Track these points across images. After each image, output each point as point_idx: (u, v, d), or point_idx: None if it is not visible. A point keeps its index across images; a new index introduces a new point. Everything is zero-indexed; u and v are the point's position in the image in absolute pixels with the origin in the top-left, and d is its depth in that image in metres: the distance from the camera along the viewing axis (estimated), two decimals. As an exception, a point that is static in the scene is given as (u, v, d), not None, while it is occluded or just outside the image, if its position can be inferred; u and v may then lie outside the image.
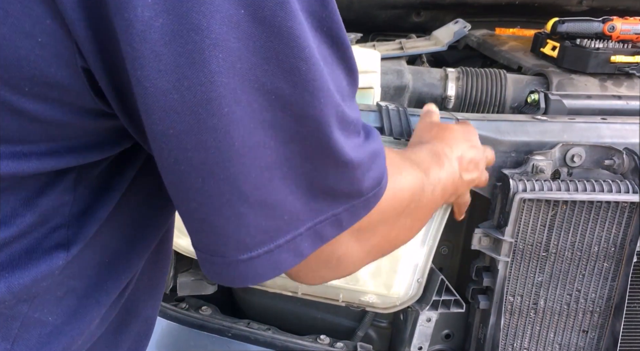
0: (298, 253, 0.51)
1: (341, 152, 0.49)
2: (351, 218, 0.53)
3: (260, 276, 0.50)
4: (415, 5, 1.71)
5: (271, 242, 0.49)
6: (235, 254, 0.49)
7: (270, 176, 0.47)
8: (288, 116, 0.45)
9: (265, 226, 0.48)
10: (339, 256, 0.57)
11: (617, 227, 1.07)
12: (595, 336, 1.15)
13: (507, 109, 1.34)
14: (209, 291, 1.21)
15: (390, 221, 0.60)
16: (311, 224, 0.51)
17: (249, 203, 0.47)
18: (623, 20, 1.30)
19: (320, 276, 0.59)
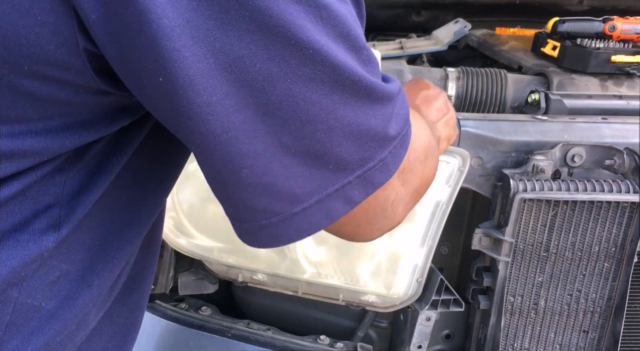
0: (348, 200, 0.51)
1: (377, 89, 0.50)
2: (395, 160, 0.54)
3: (315, 225, 0.51)
4: (416, 5, 1.70)
5: (320, 191, 0.50)
6: (289, 208, 0.50)
7: (313, 129, 0.48)
8: (326, 68, 0.46)
9: (312, 176, 0.49)
10: (392, 202, 0.58)
11: (618, 227, 1.07)
12: (596, 336, 1.15)
13: (507, 109, 1.34)
14: (209, 290, 1.21)
15: (421, 160, 0.61)
16: (360, 172, 0.51)
17: (293, 153, 0.48)
18: (624, 20, 1.30)
19: (378, 228, 0.59)
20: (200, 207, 1.11)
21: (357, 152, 0.50)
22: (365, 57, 0.50)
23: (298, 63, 0.45)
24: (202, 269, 1.20)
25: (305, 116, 0.47)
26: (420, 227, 1.07)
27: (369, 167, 0.52)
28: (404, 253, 1.09)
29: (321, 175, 0.50)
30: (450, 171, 1.04)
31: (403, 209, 0.60)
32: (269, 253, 1.14)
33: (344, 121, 0.49)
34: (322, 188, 0.50)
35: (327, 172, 0.50)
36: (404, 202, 0.60)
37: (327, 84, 0.47)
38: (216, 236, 1.14)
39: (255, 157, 0.47)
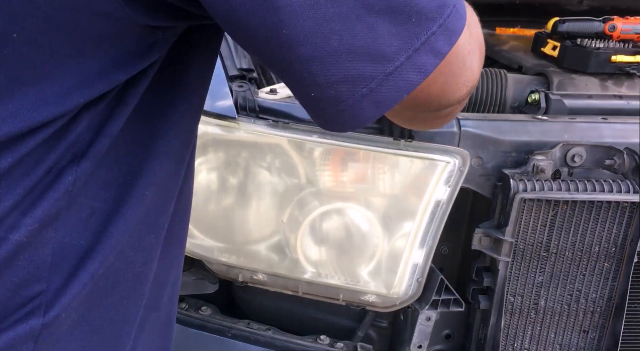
0: (436, 51, 0.51)
1: None
2: (462, 6, 0.54)
3: (410, 83, 0.51)
4: (416, 5, 1.70)
5: (409, 47, 0.49)
6: (383, 69, 0.49)
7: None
8: None
9: (398, 32, 0.49)
10: (469, 52, 0.57)
11: (618, 227, 1.07)
12: (596, 336, 1.15)
13: (507, 109, 1.34)
14: (210, 290, 1.22)
15: (476, 24, 0.61)
16: (441, 20, 0.50)
17: (377, 12, 0.48)
18: (624, 20, 1.30)
19: (463, 81, 0.58)
20: (201, 207, 1.11)
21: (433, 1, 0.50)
22: None
23: None
24: (202, 269, 1.20)
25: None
26: (421, 227, 1.07)
27: (447, 14, 0.51)
28: (404, 253, 1.09)
29: (406, 30, 0.49)
30: (450, 171, 1.04)
31: (478, 62, 0.60)
32: (269, 252, 1.13)
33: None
34: (409, 43, 0.50)
35: (410, 25, 0.49)
36: (475, 54, 0.59)
37: None
38: (216, 236, 1.14)
39: (341, 21, 0.47)
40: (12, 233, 0.50)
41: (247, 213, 1.12)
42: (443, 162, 1.03)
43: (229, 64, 1.12)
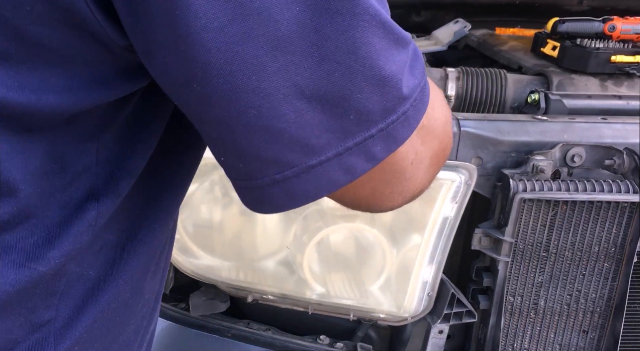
0: (370, 156, 0.47)
1: (395, 29, 0.46)
2: (417, 115, 0.50)
3: (334, 182, 0.47)
4: (416, 5, 1.70)
5: (339, 144, 0.46)
6: (305, 160, 0.45)
7: (330, 69, 0.43)
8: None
9: (330, 126, 0.45)
10: (413, 162, 0.53)
11: (618, 227, 1.07)
12: (596, 336, 1.15)
13: (507, 109, 1.34)
14: (222, 309, 1.21)
15: (441, 121, 0.57)
16: (383, 124, 0.47)
17: (308, 97, 0.44)
18: (623, 20, 1.30)
19: (398, 191, 0.54)
20: (206, 226, 1.11)
21: (380, 101, 0.46)
22: (384, 1, 0.47)
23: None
24: (212, 288, 1.20)
25: (320, 53, 0.43)
26: (429, 244, 1.07)
27: (392, 121, 0.47)
28: (413, 271, 1.08)
29: (340, 125, 0.45)
30: (457, 188, 1.03)
31: (425, 173, 0.55)
32: (276, 269, 1.12)
33: (364, 62, 0.44)
34: (341, 139, 0.46)
35: (347, 122, 0.45)
36: (424, 164, 0.55)
37: (344, 16, 0.43)
38: (224, 255, 1.13)
39: (264, 97, 0.42)
40: (39, 264, 0.49)
41: (253, 230, 1.11)
42: (449, 181, 1.02)
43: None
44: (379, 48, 0.45)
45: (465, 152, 1.05)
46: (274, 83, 0.43)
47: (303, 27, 0.42)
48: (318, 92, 0.44)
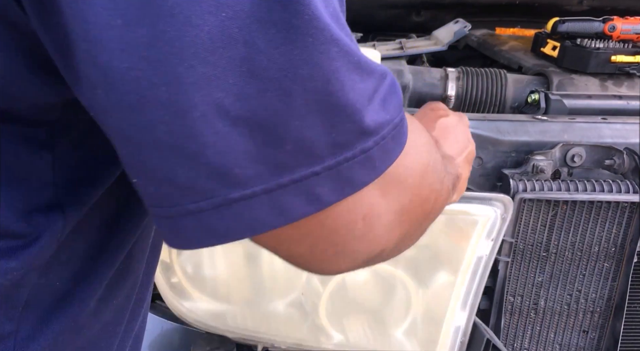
0: (313, 198, 0.40)
1: (355, 53, 0.40)
2: (384, 157, 0.43)
3: (261, 222, 0.39)
4: (416, 5, 1.70)
5: (271, 178, 0.38)
6: (224, 191, 0.38)
7: (261, 87, 0.37)
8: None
9: (259, 155, 0.38)
10: (365, 216, 0.44)
11: (618, 227, 1.07)
12: (596, 336, 1.15)
13: (507, 109, 1.34)
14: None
15: (417, 171, 0.49)
16: (332, 162, 0.40)
17: (232, 119, 0.37)
18: (623, 20, 1.30)
19: (344, 252, 0.45)
20: (207, 267, 1.03)
21: (327, 132, 0.39)
22: (342, 23, 0.41)
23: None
24: (216, 336, 1.11)
25: (250, 68, 0.36)
26: (462, 287, 0.99)
27: (346, 158, 0.40)
28: (444, 317, 0.99)
29: (273, 156, 0.38)
30: (492, 224, 0.96)
31: (386, 232, 0.46)
32: (289, 311, 1.01)
33: (306, 83, 0.38)
34: (273, 173, 0.38)
35: (281, 153, 0.38)
36: (385, 221, 0.46)
37: (283, 29, 0.36)
38: (228, 299, 1.03)
39: (176, 112, 0.36)
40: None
41: (260, 270, 1.01)
42: (484, 217, 0.94)
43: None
44: (329, 69, 0.38)
45: (465, 152, 1.05)
46: (189, 98, 0.36)
47: (229, 36, 0.35)
48: (245, 114, 0.37)
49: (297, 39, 0.37)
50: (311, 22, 0.37)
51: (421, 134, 0.52)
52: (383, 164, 0.43)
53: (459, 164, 0.73)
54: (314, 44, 0.37)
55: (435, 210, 0.55)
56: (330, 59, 0.38)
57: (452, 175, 0.66)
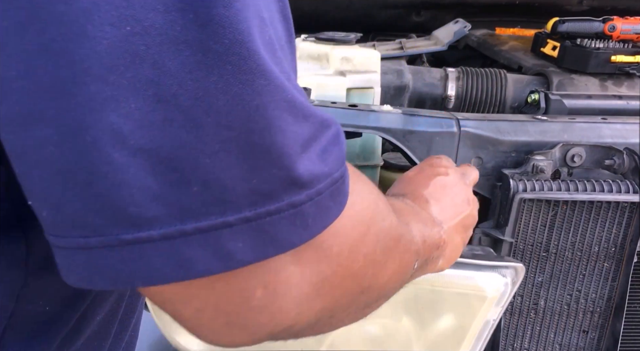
0: (223, 253, 0.34)
1: (289, 92, 0.36)
2: (320, 215, 0.37)
3: (157, 272, 0.34)
4: (416, 5, 1.71)
5: (172, 223, 0.33)
6: (116, 231, 0.33)
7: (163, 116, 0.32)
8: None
9: (160, 195, 0.33)
10: (267, 284, 0.37)
11: (618, 227, 1.07)
12: (596, 336, 1.15)
13: (507, 109, 1.34)
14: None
15: (350, 240, 0.42)
16: (251, 214, 0.34)
17: (130, 148, 0.32)
18: (623, 20, 1.30)
19: (236, 324, 0.38)
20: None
21: (246, 177, 0.34)
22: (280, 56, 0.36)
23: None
24: None
25: (156, 91, 0.32)
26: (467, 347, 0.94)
27: (269, 211, 0.35)
28: None
29: (177, 197, 0.33)
30: (502, 293, 0.89)
31: (296, 305, 0.39)
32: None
33: (222, 115, 0.33)
34: (176, 217, 0.33)
35: (187, 195, 0.33)
36: (296, 292, 0.38)
37: (200, 52, 0.32)
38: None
39: (64, 134, 0.31)
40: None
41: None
42: (494, 291, 0.86)
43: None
44: (251, 103, 0.33)
45: (465, 152, 1.05)
46: (79, 119, 0.31)
47: (134, 54, 0.31)
48: (147, 145, 0.32)
49: (215, 65, 0.32)
50: (232, 47, 0.33)
51: (364, 194, 0.45)
52: (317, 225, 0.37)
53: (448, 230, 0.66)
54: (234, 73, 0.33)
55: (380, 285, 0.47)
56: (254, 92, 0.33)
57: (429, 243, 0.60)
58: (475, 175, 0.80)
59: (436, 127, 1.04)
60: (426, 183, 0.71)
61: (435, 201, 0.68)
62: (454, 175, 0.74)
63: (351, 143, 1.19)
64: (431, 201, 0.68)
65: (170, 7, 0.32)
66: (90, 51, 0.31)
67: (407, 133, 1.04)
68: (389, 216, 0.48)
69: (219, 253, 0.34)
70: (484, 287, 0.84)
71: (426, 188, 0.70)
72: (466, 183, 0.76)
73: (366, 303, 0.48)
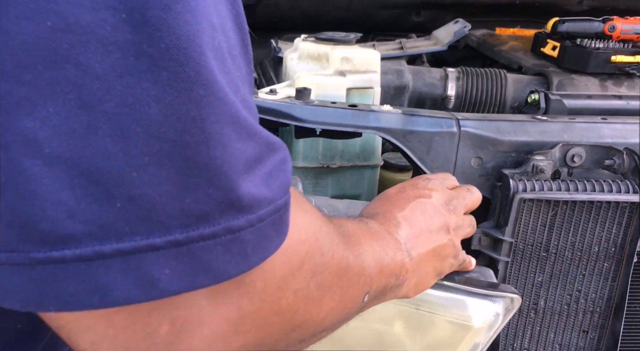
0: (146, 280, 0.30)
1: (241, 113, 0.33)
2: (260, 245, 0.34)
3: (72, 299, 0.30)
4: (415, 5, 1.71)
5: (89, 243, 0.29)
6: (27, 247, 0.29)
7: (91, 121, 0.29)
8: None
9: (78, 210, 0.29)
10: (175, 320, 0.33)
11: (618, 227, 1.07)
12: (596, 336, 1.15)
13: (507, 109, 1.34)
14: None
15: (278, 275, 0.38)
16: (182, 237, 0.31)
17: (44, 157, 0.28)
18: (623, 20, 1.30)
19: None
20: None
21: (178, 195, 0.31)
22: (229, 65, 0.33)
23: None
24: None
25: (79, 94, 0.29)
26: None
27: (202, 235, 0.31)
28: None
29: (97, 213, 0.29)
30: (494, 322, 0.85)
31: (208, 344, 0.35)
32: None
33: (153, 125, 0.30)
34: (94, 237, 0.29)
35: (109, 212, 0.29)
36: (209, 330, 0.35)
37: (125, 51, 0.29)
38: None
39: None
40: None
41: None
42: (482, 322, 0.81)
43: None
44: (187, 115, 0.30)
45: (465, 152, 1.05)
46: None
47: (55, 53, 0.28)
48: (65, 154, 0.29)
49: (148, 71, 0.29)
50: (169, 52, 0.30)
51: (303, 225, 0.41)
52: (257, 255, 0.34)
53: (416, 258, 0.63)
54: (170, 80, 0.30)
55: (316, 321, 0.44)
56: (191, 102, 0.30)
57: (387, 271, 0.56)
58: (474, 199, 0.76)
59: (436, 127, 1.04)
60: (403, 204, 0.67)
61: (408, 225, 0.64)
62: (437, 200, 0.70)
63: (351, 143, 1.19)
64: (403, 224, 0.64)
65: (100, 4, 0.28)
66: (3, 46, 0.27)
67: (407, 133, 1.04)
68: (331, 249, 0.44)
69: (141, 280, 0.30)
70: (470, 315, 0.78)
71: (401, 210, 0.66)
72: (450, 209, 0.71)
73: (300, 339, 0.44)
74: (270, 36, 1.48)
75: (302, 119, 1.03)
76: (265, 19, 1.66)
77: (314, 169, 1.19)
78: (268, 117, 1.05)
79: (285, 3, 1.62)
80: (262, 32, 1.57)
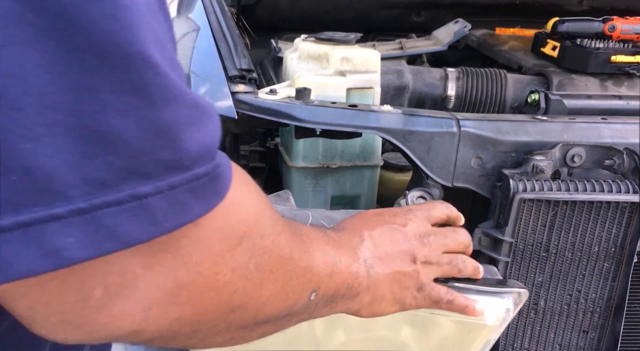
0: (48, 250, 0.30)
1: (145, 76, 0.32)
2: (173, 211, 0.34)
3: None
4: (415, 5, 1.71)
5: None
6: None
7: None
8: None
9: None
10: (108, 284, 0.34)
11: (618, 227, 1.07)
12: (596, 336, 1.15)
13: (507, 109, 1.34)
14: None
15: (214, 250, 0.38)
16: (85, 205, 0.30)
17: None
18: (623, 20, 1.30)
19: (72, 323, 0.35)
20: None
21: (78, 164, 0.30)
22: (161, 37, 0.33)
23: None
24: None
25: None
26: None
27: (106, 202, 0.31)
28: None
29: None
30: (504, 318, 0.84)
31: (143, 310, 0.36)
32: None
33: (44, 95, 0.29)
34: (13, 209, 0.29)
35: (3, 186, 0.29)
36: (143, 296, 0.36)
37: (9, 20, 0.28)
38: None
39: None
40: None
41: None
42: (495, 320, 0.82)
43: (229, 65, 1.12)
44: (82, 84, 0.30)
45: (465, 152, 1.05)
46: None
47: None
48: None
49: (34, 40, 0.29)
50: (56, 22, 0.29)
51: (246, 205, 0.41)
52: (169, 221, 0.33)
53: (375, 276, 0.62)
54: (58, 50, 0.29)
55: (256, 306, 0.43)
56: (84, 71, 0.30)
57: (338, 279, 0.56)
58: (457, 240, 0.73)
59: (436, 127, 1.04)
60: (374, 226, 0.67)
61: (372, 244, 0.64)
62: (411, 230, 0.69)
63: (351, 143, 1.19)
64: (367, 242, 0.64)
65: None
66: None
67: (407, 133, 1.04)
68: (273, 234, 0.44)
69: (44, 250, 0.30)
70: (484, 314, 0.79)
71: (370, 230, 0.66)
72: (424, 242, 0.69)
73: (242, 324, 0.44)
74: (270, 36, 1.48)
75: (302, 119, 1.03)
76: (265, 19, 1.66)
77: (314, 169, 1.19)
78: (268, 117, 1.05)
79: (285, 3, 1.63)
80: (262, 32, 1.57)
